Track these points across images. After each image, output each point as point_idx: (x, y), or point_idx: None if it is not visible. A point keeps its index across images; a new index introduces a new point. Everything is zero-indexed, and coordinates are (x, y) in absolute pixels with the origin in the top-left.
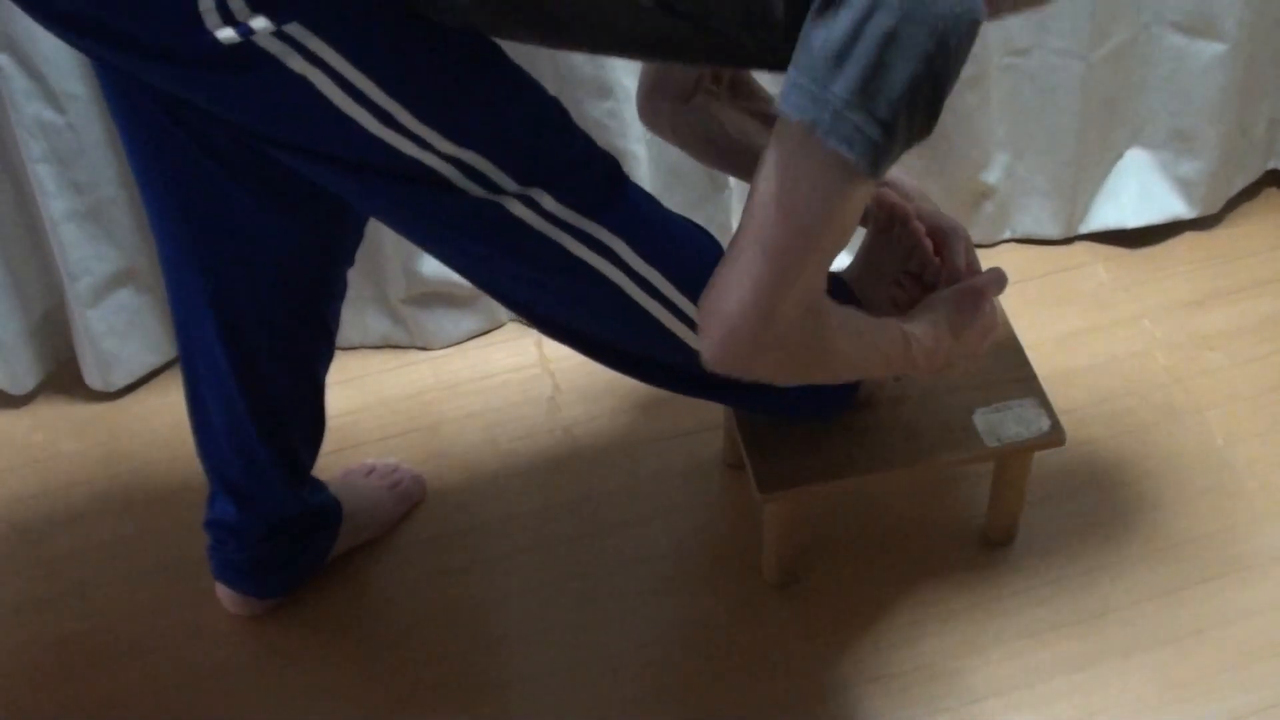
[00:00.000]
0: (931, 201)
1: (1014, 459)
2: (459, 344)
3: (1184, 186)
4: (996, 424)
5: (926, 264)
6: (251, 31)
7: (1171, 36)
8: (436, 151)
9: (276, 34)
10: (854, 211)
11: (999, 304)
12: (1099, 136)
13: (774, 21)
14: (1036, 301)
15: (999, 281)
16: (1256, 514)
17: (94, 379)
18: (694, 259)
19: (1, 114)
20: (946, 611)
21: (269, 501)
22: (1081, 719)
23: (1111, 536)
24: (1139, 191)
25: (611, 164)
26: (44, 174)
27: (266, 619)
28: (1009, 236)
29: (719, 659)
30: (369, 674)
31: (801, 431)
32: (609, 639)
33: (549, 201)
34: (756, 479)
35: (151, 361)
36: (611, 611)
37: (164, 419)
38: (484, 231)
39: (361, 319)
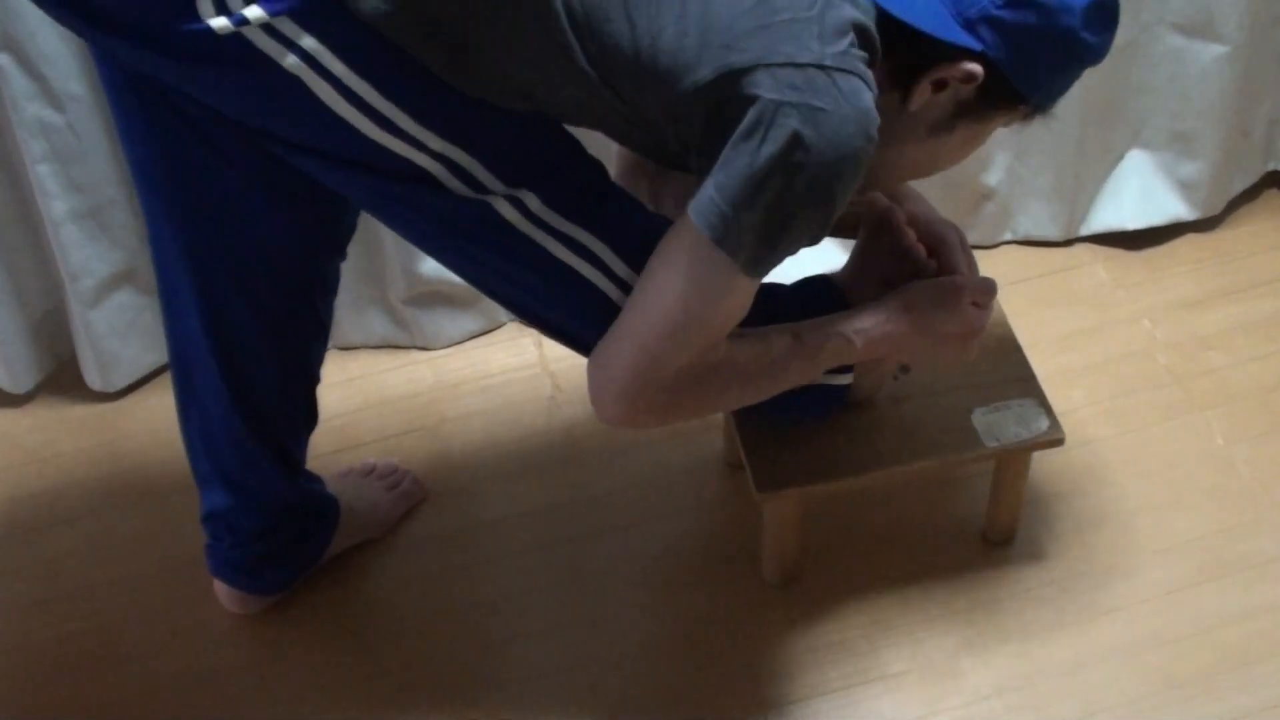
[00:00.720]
0: (927, 202)
1: (1014, 459)
2: (459, 344)
3: (1184, 188)
4: (996, 424)
5: (920, 268)
6: (245, 21)
7: (1172, 38)
8: (427, 150)
9: (268, 29)
10: (740, 304)
11: (999, 306)
12: (1099, 138)
13: (694, 129)
14: (1036, 301)
15: (986, 288)
16: (1256, 514)
17: (94, 379)
18: None
19: (1, 114)
20: (946, 611)
21: (263, 492)
22: (1081, 719)
23: (1111, 536)
24: (1140, 193)
25: (598, 170)
26: (44, 174)
27: (265, 618)
28: (1009, 238)
29: (719, 659)
30: (368, 673)
31: (801, 431)
32: (609, 639)
33: (535, 203)
34: (756, 479)
35: (151, 361)
36: (611, 611)
37: (164, 419)
38: (470, 230)
39: (362, 319)
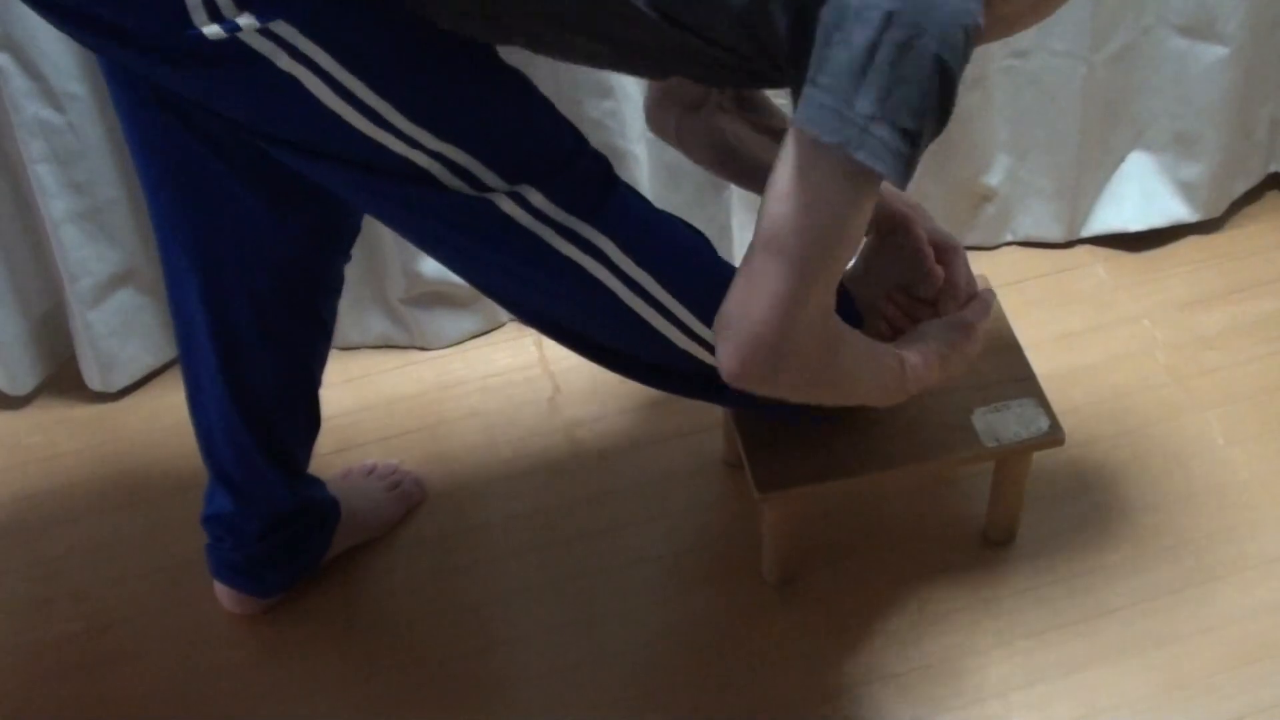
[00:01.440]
0: (930, 217)
1: (1014, 459)
2: (459, 344)
3: (1186, 190)
4: (996, 424)
5: (931, 272)
6: (238, 29)
7: (1173, 39)
8: (424, 149)
9: (263, 32)
10: (865, 220)
11: (999, 306)
12: (1100, 139)
13: (778, 37)
14: (1037, 302)
15: (986, 311)
16: (1257, 514)
17: (94, 379)
18: (685, 261)
19: (1, 114)
20: (946, 611)
21: (264, 495)
22: (1082, 719)
23: (1111, 536)
24: (1141, 195)
25: (603, 164)
26: (44, 174)
27: (266, 619)
28: (1010, 239)
29: (719, 659)
30: (368, 674)
31: (801, 431)
32: (609, 639)
33: (538, 198)
34: (755, 479)
35: (151, 362)
36: (611, 611)
37: (164, 419)
38: (472, 228)
39: (361, 319)
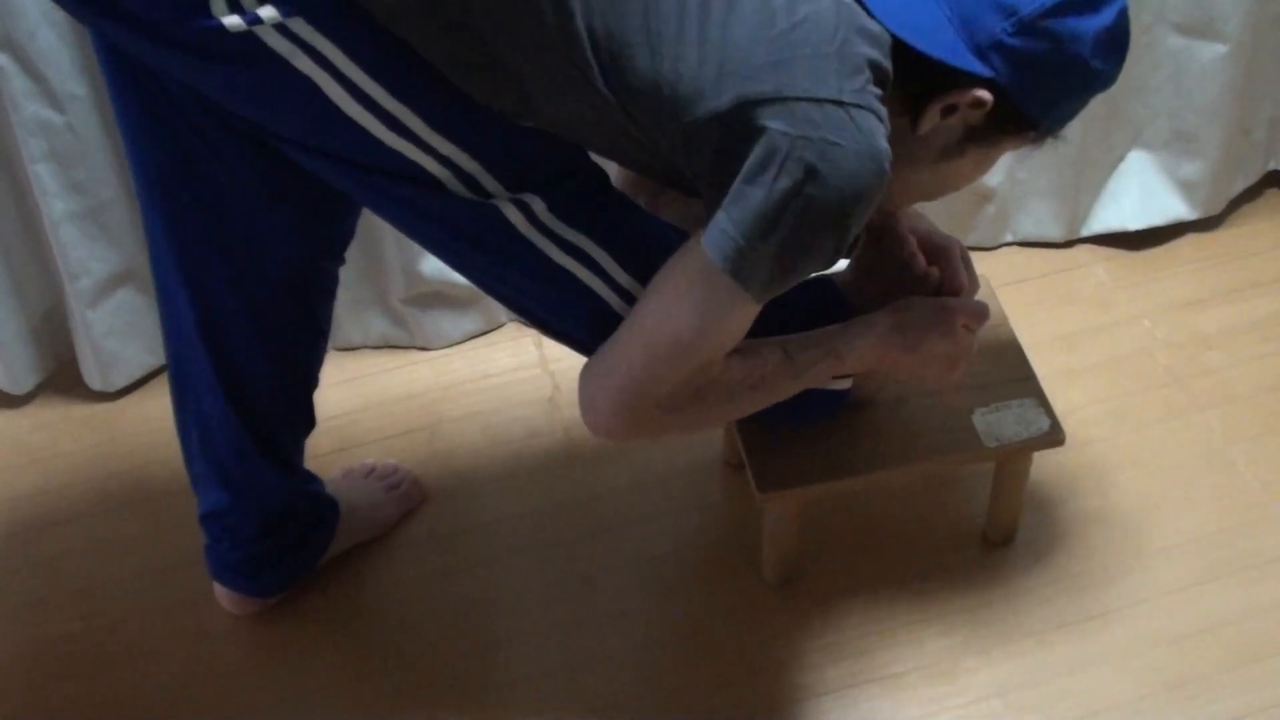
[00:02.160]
0: (923, 217)
1: (1014, 459)
2: (459, 344)
3: (1185, 188)
4: (996, 424)
5: (921, 278)
6: (258, 20)
7: (1173, 37)
8: (434, 154)
9: (281, 29)
10: (743, 327)
11: (999, 306)
12: (1100, 138)
13: (705, 159)
14: (1036, 302)
15: (978, 313)
16: (1256, 514)
17: (94, 379)
18: None
19: (1, 114)
20: (946, 611)
21: (261, 492)
22: (1081, 719)
23: (1112, 536)
24: (1140, 193)
25: (600, 175)
26: (44, 174)
27: (266, 618)
28: (1010, 239)
29: (719, 659)
30: (368, 674)
31: (801, 432)
32: (609, 639)
33: (540, 208)
34: (756, 479)
35: (151, 361)
36: (611, 611)
37: (164, 419)
38: (472, 234)
39: (361, 319)
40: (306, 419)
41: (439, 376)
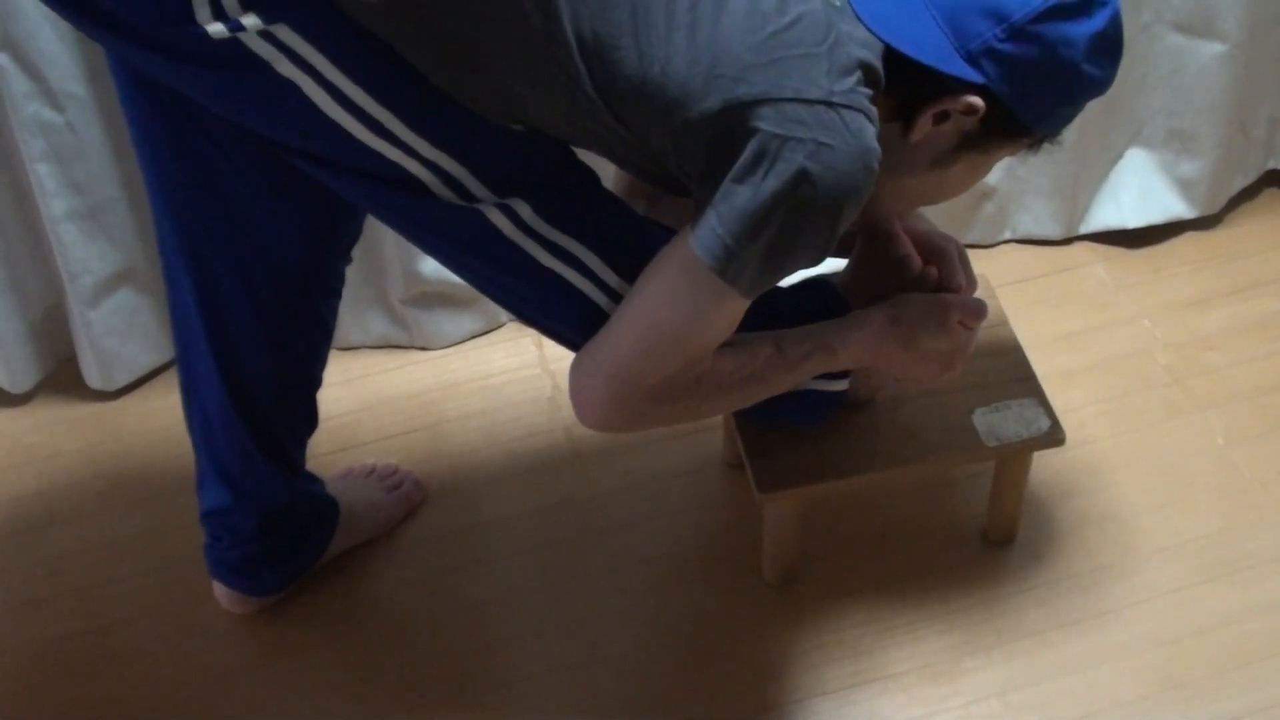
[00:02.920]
0: (925, 219)
1: (1014, 459)
2: (459, 344)
3: (1184, 186)
4: (996, 424)
5: (917, 277)
6: (241, 28)
7: (1172, 36)
8: (418, 157)
9: (265, 35)
10: (731, 323)
11: (999, 305)
12: (1099, 136)
13: (697, 157)
14: (1036, 301)
15: (975, 310)
16: (1256, 514)
17: (94, 379)
18: None
19: (1, 114)
20: (946, 611)
21: (260, 491)
22: (1081, 719)
23: (1111, 536)
24: (1139, 191)
25: (589, 176)
26: (44, 174)
27: (266, 618)
28: (1009, 237)
29: (719, 659)
30: (368, 673)
31: (801, 432)
32: (609, 639)
33: (526, 211)
34: (756, 479)
35: (151, 361)
36: (611, 611)
37: (164, 419)
38: (460, 238)
39: (361, 319)
40: (309, 418)
41: (439, 376)
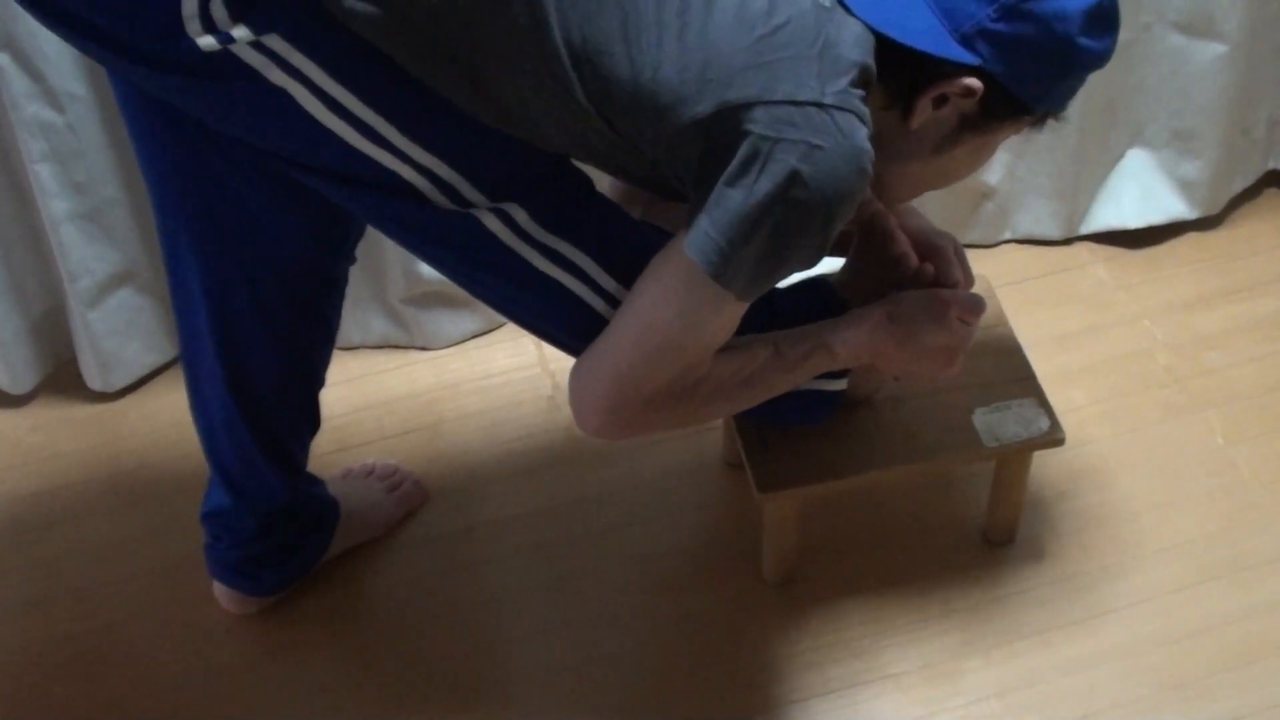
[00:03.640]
0: (921, 214)
1: (1014, 459)
2: (459, 344)
3: (1184, 187)
4: (996, 424)
5: (913, 275)
6: (232, 40)
7: (1172, 37)
8: (411, 163)
9: (256, 45)
10: (728, 327)
11: (999, 305)
12: (1099, 137)
13: (691, 162)
14: (1036, 301)
15: (974, 306)
16: (1257, 514)
17: (94, 379)
18: None
19: (1, 114)
20: (946, 611)
21: (261, 493)
22: (1081, 719)
23: (1111, 536)
24: (1139, 192)
25: (583, 180)
26: (44, 174)
27: (266, 618)
28: (1009, 237)
29: (719, 659)
30: (368, 673)
31: (801, 432)
32: (609, 638)
33: (522, 216)
34: (756, 479)
35: (151, 361)
36: (611, 611)
37: (164, 419)
38: (455, 243)
39: (361, 319)
40: (312, 419)
41: (439, 376)
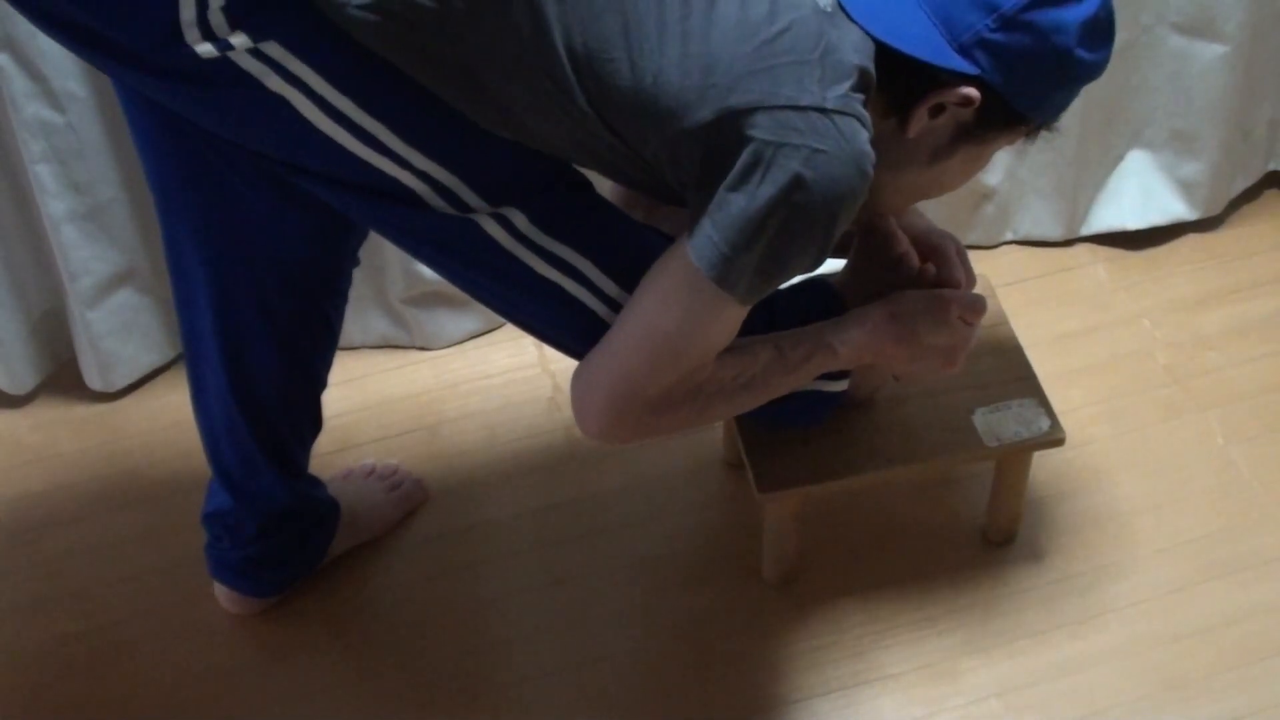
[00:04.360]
0: (923, 216)
1: (1014, 459)
2: (459, 344)
3: (1185, 188)
4: (996, 424)
5: (915, 275)
6: (230, 47)
7: (1172, 38)
8: (411, 169)
9: (254, 53)
10: (730, 330)
11: (999, 305)
12: (1100, 138)
13: (693, 166)
14: (1036, 301)
15: (975, 305)
16: (1257, 514)
17: (94, 379)
18: None
19: (1, 114)
20: (946, 611)
21: (261, 495)
22: (1081, 719)
23: (1111, 536)
24: (1140, 193)
25: (582, 184)
26: (44, 174)
27: (266, 618)
28: (1010, 238)
29: (719, 659)
30: (368, 674)
31: (801, 432)
32: (608, 639)
33: (522, 221)
34: (756, 479)
35: (151, 361)
36: (611, 611)
37: (164, 419)
38: (456, 248)
39: (361, 319)
40: (314, 420)
41: (439, 376)
